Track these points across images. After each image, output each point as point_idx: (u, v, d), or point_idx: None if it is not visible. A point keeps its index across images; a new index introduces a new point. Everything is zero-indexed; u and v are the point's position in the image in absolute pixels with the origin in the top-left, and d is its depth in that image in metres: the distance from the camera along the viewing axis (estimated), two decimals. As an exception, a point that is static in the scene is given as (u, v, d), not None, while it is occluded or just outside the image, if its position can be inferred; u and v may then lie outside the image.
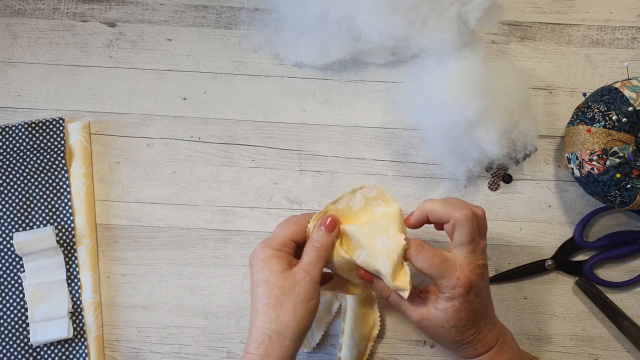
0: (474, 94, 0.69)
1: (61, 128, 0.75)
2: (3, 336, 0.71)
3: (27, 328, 0.72)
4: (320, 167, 0.76)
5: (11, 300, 0.72)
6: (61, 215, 0.74)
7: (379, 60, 0.77)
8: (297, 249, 0.65)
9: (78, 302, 0.72)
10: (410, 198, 0.76)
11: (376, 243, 0.62)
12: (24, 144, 0.74)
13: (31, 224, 0.73)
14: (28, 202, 0.74)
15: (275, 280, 0.60)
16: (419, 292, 0.64)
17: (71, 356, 0.71)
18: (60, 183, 0.74)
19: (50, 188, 0.74)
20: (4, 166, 0.74)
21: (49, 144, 0.75)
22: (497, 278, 0.74)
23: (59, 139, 0.75)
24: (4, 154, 0.74)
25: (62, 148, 0.75)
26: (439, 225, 0.65)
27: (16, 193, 0.74)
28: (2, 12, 0.78)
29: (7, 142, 0.74)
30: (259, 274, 0.61)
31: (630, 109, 0.67)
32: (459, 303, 0.61)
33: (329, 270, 0.67)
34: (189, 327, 0.74)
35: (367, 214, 0.65)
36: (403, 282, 0.62)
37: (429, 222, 0.65)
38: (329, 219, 0.64)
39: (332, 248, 0.64)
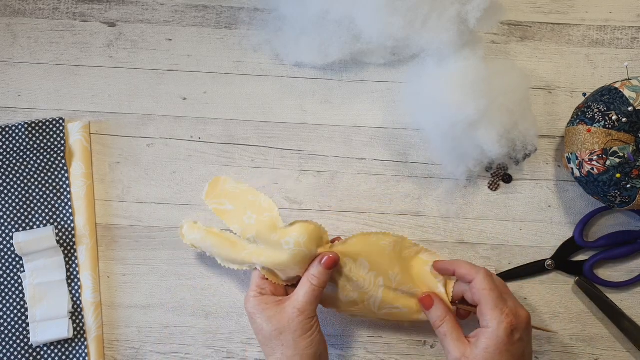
0: (474, 94, 0.69)
1: (61, 128, 0.75)
2: (3, 336, 0.71)
3: (27, 328, 0.72)
4: (320, 167, 0.76)
5: (11, 300, 0.72)
6: (61, 215, 0.74)
7: (379, 60, 0.77)
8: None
9: (78, 302, 0.72)
10: (410, 198, 0.76)
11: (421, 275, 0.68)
12: (24, 144, 0.74)
13: (31, 224, 0.73)
14: (28, 202, 0.74)
15: (268, 326, 0.63)
16: (466, 335, 0.64)
17: (71, 356, 0.72)
18: (60, 183, 0.74)
19: (50, 188, 0.74)
20: (4, 166, 0.74)
21: (49, 144, 0.75)
22: (497, 278, 0.74)
23: (59, 139, 0.75)
24: (4, 154, 0.74)
25: (62, 148, 0.75)
26: (464, 312, 0.67)
27: (16, 193, 0.74)
28: (2, 12, 0.78)
29: (7, 142, 0.74)
30: (254, 325, 0.64)
31: (630, 109, 0.67)
32: (502, 343, 0.60)
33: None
34: (189, 327, 0.74)
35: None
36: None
37: (453, 273, 0.66)
38: (328, 256, 0.64)
39: (325, 285, 0.65)
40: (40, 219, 0.74)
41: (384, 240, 0.67)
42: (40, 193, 0.74)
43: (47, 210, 0.74)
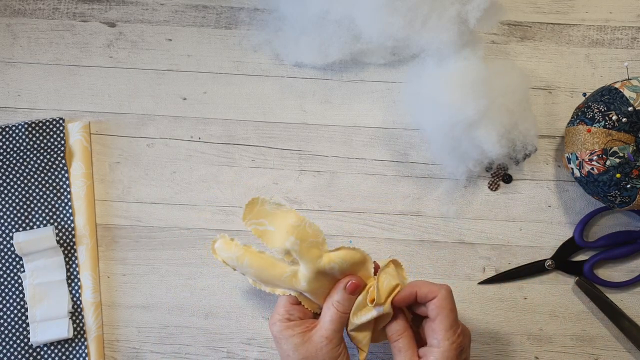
0: (474, 94, 0.69)
1: (61, 128, 0.75)
2: (3, 336, 0.71)
3: (27, 328, 0.72)
4: (320, 167, 0.76)
5: (11, 300, 0.72)
6: (61, 215, 0.74)
7: (379, 60, 0.77)
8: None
9: (78, 302, 0.72)
10: (410, 198, 0.76)
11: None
12: (24, 144, 0.74)
13: (31, 224, 0.73)
14: (28, 202, 0.74)
15: (294, 355, 0.61)
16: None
17: (71, 356, 0.72)
18: (60, 183, 0.74)
19: (50, 188, 0.74)
20: (4, 166, 0.74)
21: (49, 144, 0.75)
22: (497, 278, 0.74)
23: (59, 139, 0.75)
24: (4, 154, 0.74)
25: (62, 148, 0.75)
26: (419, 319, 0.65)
27: (16, 193, 0.74)
28: (2, 12, 0.78)
29: (7, 142, 0.74)
30: (280, 350, 0.62)
31: (630, 109, 0.67)
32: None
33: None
34: (189, 327, 0.74)
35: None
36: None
37: (415, 298, 0.63)
38: (351, 281, 0.62)
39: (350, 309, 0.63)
40: (40, 219, 0.74)
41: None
42: (40, 193, 0.74)
43: (47, 210, 0.74)
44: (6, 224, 0.73)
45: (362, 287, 0.62)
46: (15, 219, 0.73)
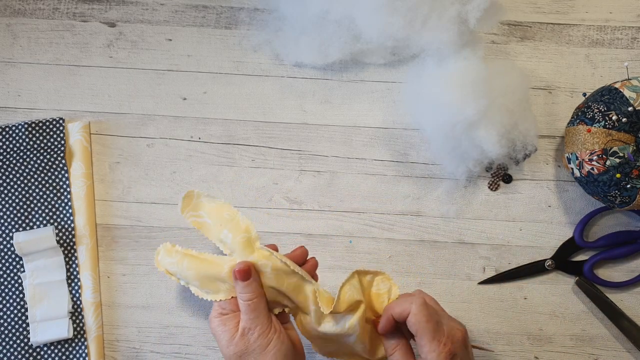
0: (474, 94, 0.69)
1: (61, 128, 0.75)
2: (3, 336, 0.71)
3: (27, 328, 0.72)
4: (320, 167, 0.76)
5: (11, 300, 0.72)
6: (61, 215, 0.74)
7: (379, 60, 0.77)
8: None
9: (78, 302, 0.72)
10: (410, 198, 0.76)
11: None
12: (24, 144, 0.74)
13: (31, 224, 0.73)
14: (28, 202, 0.74)
15: (229, 349, 0.61)
16: None
17: (71, 356, 0.72)
18: (60, 183, 0.74)
19: (50, 188, 0.74)
20: (4, 166, 0.74)
21: (49, 144, 0.75)
22: (497, 278, 0.74)
23: (59, 139, 0.75)
24: (4, 154, 0.74)
25: (62, 148, 0.75)
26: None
27: (16, 193, 0.74)
28: (2, 12, 0.78)
29: (7, 142, 0.74)
30: (219, 345, 0.62)
31: (630, 109, 0.67)
32: None
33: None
34: (189, 327, 0.74)
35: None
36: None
37: (393, 319, 0.62)
38: (236, 269, 0.61)
39: (261, 291, 0.62)
40: (40, 219, 0.74)
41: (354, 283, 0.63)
42: (40, 193, 0.74)
43: (47, 210, 0.74)
44: (6, 224, 0.73)
45: (249, 270, 0.61)
46: (15, 219, 0.73)
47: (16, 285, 0.72)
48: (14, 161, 0.74)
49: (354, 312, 0.62)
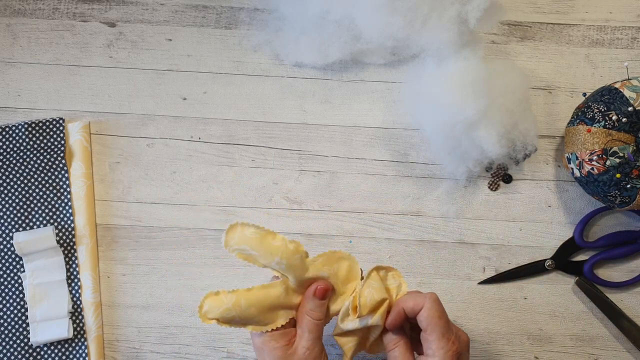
0: (474, 94, 0.69)
1: (61, 128, 0.75)
2: (3, 336, 0.71)
3: (27, 328, 0.72)
4: (320, 167, 0.76)
5: (11, 300, 0.72)
6: (61, 215, 0.74)
7: (379, 60, 0.77)
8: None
9: (78, 302, 0.72)
10: (410, 198, 0.76)
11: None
12: (24, 144, 0.74)
13: (31, 224, 0.73)
14: (28, 202, 0.74)
15: None
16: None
17: (71, 356, 0.72)
18: (60, 183, 0.74)
19: (50, 188, 0.74)
20: (4, 166, 0.74)
21: (49, 144, 0.75)
22: (497, 278, 0.74)
23: (59, 139, 0.75)
24: (4, 154, 0.74)
25: (62, 148, 0.75)
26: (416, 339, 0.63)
27: (16, 193, 0.74)
28: (2, 12, 0.78)
29: (7, 142, 0.74)
30: None
31: (630, 109, 0.67)
32: None
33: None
34: (189, 327, 0.74)
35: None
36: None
37: (404, 314, 0.62)
38: (317, 287, 0.61)
39: (327, 314, 0.62)
40: (40, 219, 0.74)
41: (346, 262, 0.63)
42: (40, 193, 0.74)
43: (47, 210, 0.74)
44: (6, 224, 0.73)
45: (330, 290, 0.61)
46: (15, 219, 0.73)
47: (16, 285, 0.72)
48: (14, 161, 0.74)
49: (376, 311, 0.62)
